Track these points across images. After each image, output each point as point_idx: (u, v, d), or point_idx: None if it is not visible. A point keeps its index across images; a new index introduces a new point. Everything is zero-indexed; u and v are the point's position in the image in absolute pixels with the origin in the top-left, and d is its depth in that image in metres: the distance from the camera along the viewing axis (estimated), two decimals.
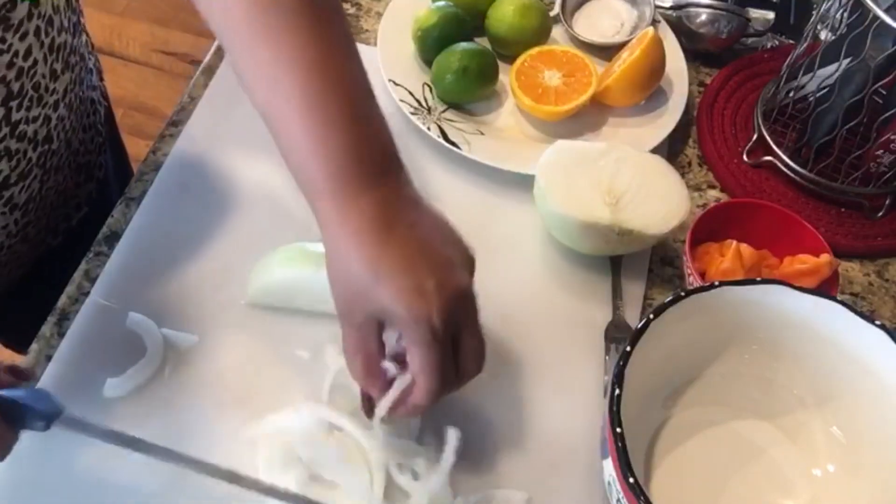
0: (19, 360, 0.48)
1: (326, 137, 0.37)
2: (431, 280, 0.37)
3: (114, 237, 0.52)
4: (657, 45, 0.60)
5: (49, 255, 0.59)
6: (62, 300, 0.49)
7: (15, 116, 0.47)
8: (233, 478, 0.40)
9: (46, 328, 0.48)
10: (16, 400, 0.37)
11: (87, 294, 0.49)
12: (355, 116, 0.38)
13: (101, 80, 0.63)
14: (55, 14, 0.48)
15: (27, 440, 0.38)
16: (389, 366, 0.40)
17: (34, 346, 0.48)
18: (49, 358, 0.47)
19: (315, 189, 0.38)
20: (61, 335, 0.48)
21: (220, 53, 0.63)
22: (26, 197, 0.51)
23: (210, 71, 0.61)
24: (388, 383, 0.40)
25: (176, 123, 0.58)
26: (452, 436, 0.41)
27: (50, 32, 0.48)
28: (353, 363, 0.40)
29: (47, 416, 0.37)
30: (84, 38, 0.57)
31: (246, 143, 0.58)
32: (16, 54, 0.45)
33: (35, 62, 0.47)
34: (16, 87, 0.46)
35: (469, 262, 0.40)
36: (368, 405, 0.42)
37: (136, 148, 0.75)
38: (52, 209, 0.56)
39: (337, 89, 0.37)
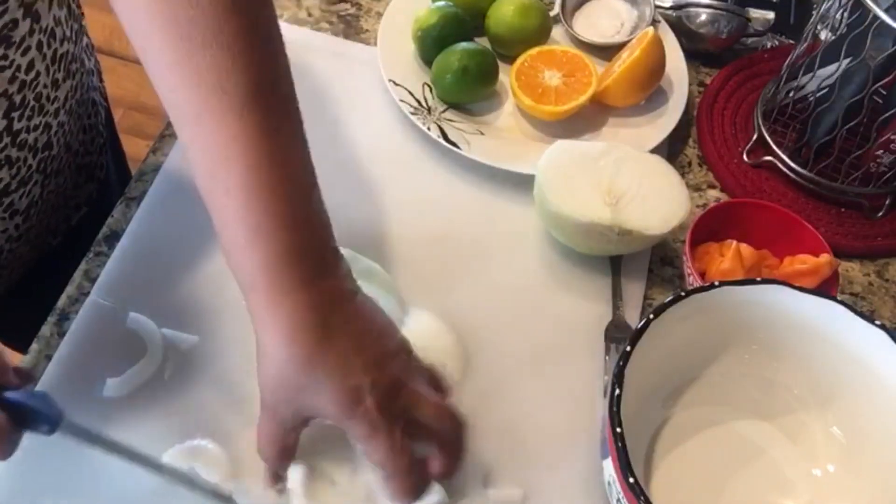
0: (19, 359, 0.48)
1: (263, 239, 0.36)
2: (367, 378, 0.37)
3: (114, 237, 0.52)
4: (657, 46, 0.60)
5: (49, 255, 0.59)
6: (62, 300, 0.49)
7: (16, 126, 0.47)
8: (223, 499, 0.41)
9: (46, 328, 0.48)
10: (22, 402, 0.37)
11: (87, 294, 0.49)
12: (294, 218, 0.37)
13: (101, 80, 0.63)
14: (57, 26, 0.48)
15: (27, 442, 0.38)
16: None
17: (34, 346, 0.48)
18: (49, 358, 0.47)
19: (249, 284, 0.37)
20: (61, 335, 0.48)
21: None
22: (27, 202, 0.51)
23: None
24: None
25: None
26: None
27: (52, 44, 0.47)
28: (267, 451, 0.40)
29: (52, 420, 0.38)
30: (85, 41, 0.57)
31: None
32: (18, 69, 0.45)
33: (37, 74, 0.47)
34: (17, 98, 0.46)
35: (404, 345, 0.40)
36: (275, 479, 0.42)
37: (136, 148, 0.74)
38: (52, 211, 0.57)
39: (278, 188, 0.36)
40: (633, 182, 0.52)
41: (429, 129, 0.58)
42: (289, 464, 0.41)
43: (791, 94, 0.60)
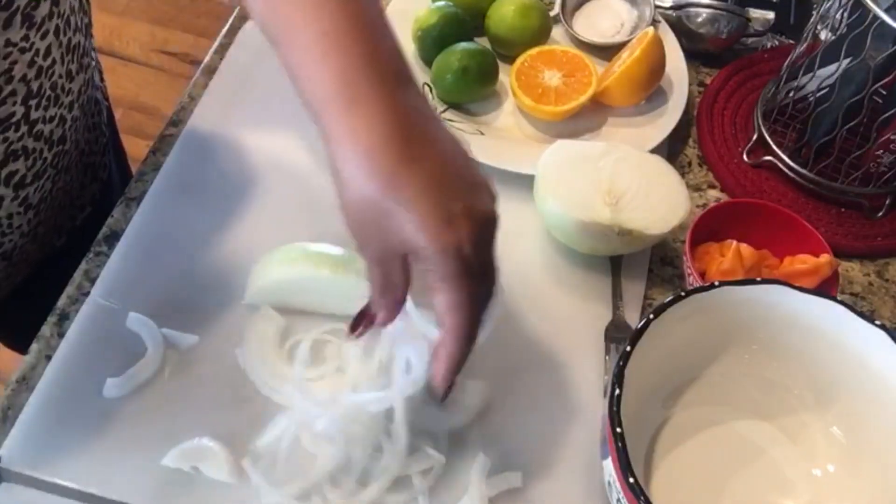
0: (19, 360, 0.48)
1: (337, 43, 0.33)
2: (459, 204, 0.32)
3: (114, 237, 0.52)
4: (657, 46, 0.60)
5: (54, 255, 0.59)
6: (62, 300, 0.49)
7: (33, 115, 0.47)
8: None
9: (46, 328, 0.48)
10: None
11: (87, 294, 0.49)
12: (367, 24, 0.34)
13: (102, 80, 0.63)
14: (72, 14, 0.48)
15: None
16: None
17: (34, 346, 0.48)
18: (49, 358, 0.47)
19: (323, 100, 0.33)
20: (61, 335, 0.48)
21: (220, 53, 0.63)
22: (39, 197, 0.51)
23: (210, 71, 0.61)
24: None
25: (176, 123, 0.58)
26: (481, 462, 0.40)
27: (67, 32, 0.48)
28: (380, 303, 0.37)
29: None
30: (92, 39, 0.57)
31: (246, 142, 0.58)
32: (37, 53, 0.45)
33: (53, 62, 0.47)
34: (35, 85, 0.46)
35: (491, 187, 0.35)
36: (357, 324, 0.39)
37: (136, 148, 0.74)
38: (59, 209, 0.57)
39: (351, 2, 0.34)
40: (632, 182, 0.52)
41: None
42: (403, 301, 0.37)
43: (791, 94, 0.60)
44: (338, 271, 0.47)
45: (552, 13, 0.65)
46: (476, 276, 0.33)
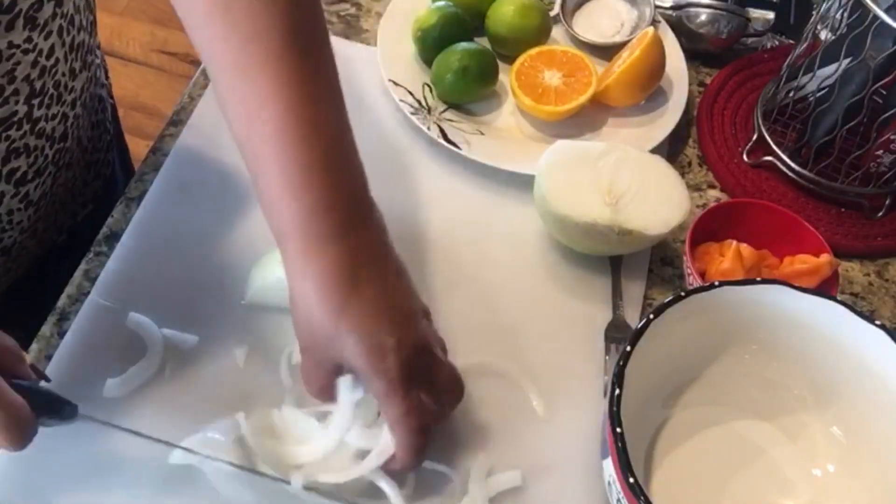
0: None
1: (299, 185, 0.37)
2: (391, 339, 0.38)
3: (114, 237, 0.52)
4: (657, 46, 0.60)
5: (54, 252, 0.59)
6: (62, 300, 0.49)
7: (36, 114, 0.47)
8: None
9: (46, 328, 0.48)
10: (42, 391, 0.38)
11: (87, 294, 0.49)
12: (330, 165, 0.38)
13: (107, 77, 0.63)
14: (76, 14, 0.49)
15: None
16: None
17: (34, 346, 0.48)
18: (49, 358, 0.47)
19: (284, 233, 0.38)
20: (61, 335, 0.48)
21: None
22: (40, 193, 0.52)
23: None
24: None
25: (176, 123, 0.58)
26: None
27: (71, 31, 0.48)
28: (310, 388, 0.42)
29: (67, 413, 0.39)
30: (97, 37, 0.57)
31: None
32: (40, 53, 0.45)
33: (57, 61, 0.47)
34: (38, 85, 0.46)
35: (424, 307, 0.41)
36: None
37: (136, 148, 0.74)
38: (61, 206, 0.57)
39: (313, 134, 0.37)
40: (633, 182, 0.52)
41: (429, 129, 0.58)
42: (331, 400, 0.42)
43: (791, 94, 0.60)
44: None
45: (552, 13, 0.65)
46: (406, 395, 0.39)
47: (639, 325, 0.41)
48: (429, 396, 0.40)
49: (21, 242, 0.54)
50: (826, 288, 0.50)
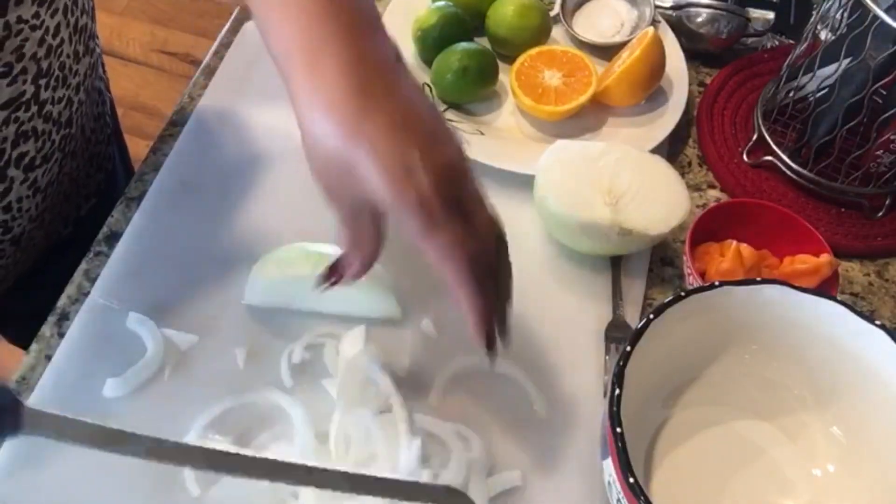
0: (19, 360, 0.48)
1: (308, 8, 0.33)
2: (417, 153, 0.32)
3: (114, 237, 0.52)
4: (657, 46, 0.60)
5: (59, 245, 0.60)
6: (62, 300, 0.49)
7: (43, 95, 0.47)
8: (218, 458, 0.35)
9: (46, 328, 0.48)
10: None
11: (87, 294, 0.49)
12: None
13: (104, 72, 0.64)
14: None
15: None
16: None
17: (34, 346, 0.48)
18: (49, 358, 0.47)
19: (286, 54, 0.34)
20: (61, 335, 0.48)
21: (220, 53, 0.63)
22: (47, 181, 0.52)
23: (210, 71, 0.61)
24: None
25: (176, 123, 0.58)
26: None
27: (75, 12, 0.48)
28: (350, 258, 0.37)
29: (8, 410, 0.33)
30: (96, 25, 0.57)
31: (245, 143, 0.58)
32: (46, 31, 0.45)
33: (62, 41, 0.47)
34: (45, 65, 0.46)
35: (455, 135, 0.35)
36: (327, 276, 0.38)
37: (136, 148, 0.74)
38: (65, 197, 0.57)
39: None
40: (633, 182, 0.52)
41: None
42: (376, 256, 0.36)
43: (791, 94, 0.60)
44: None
45: (552, 13, 0.65)
46: (449, 223, 0.33)
47: (639, 325, 0.41)
48: (467, 230, 0.33)
49: (29, 232, 0.54)
50: (826, 288, 0.50)
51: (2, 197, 0.49)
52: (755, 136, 0.62)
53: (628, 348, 0.40)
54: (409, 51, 0.62)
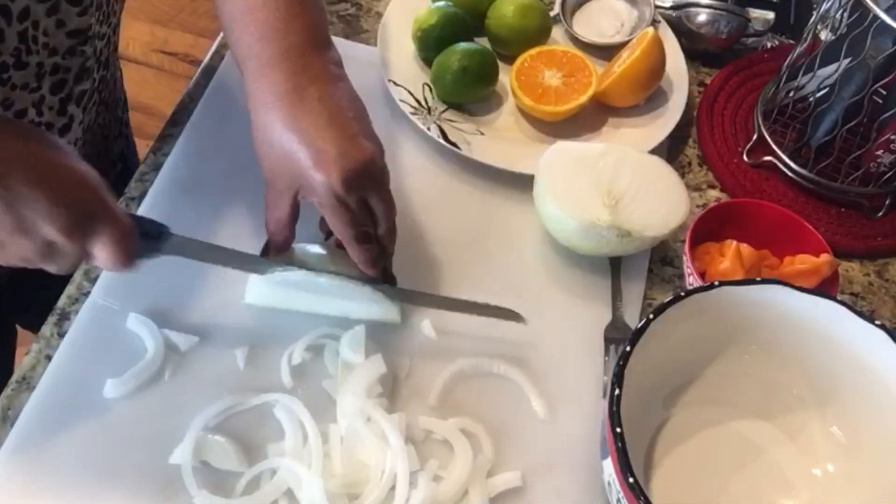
0: (19, 360, 0.48)
1: (259, 13, 0.43)
2: (334, 149, 0.41)
3: None
4: (657, 46, 0.60)
5: None
6: (62, 300, 0.49)
7: (97, 30, 0.49)
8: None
9: (46, 328, 0.48)
10: (136, 216, 0.41)
11: (87, 294, 0.49)
12: (294, 12, 0.43)
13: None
14: None
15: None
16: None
17: (34, 346, 0.48)
18: (49, 358, 0.47)
19: (245, 59, 0.43)
20: (61, 335, 0.48)
21: (220, 53, 0.63)
22: (88, 124, 0.54)
23: (210, 71, 0.61)
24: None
25: (176, 123, 0.58)
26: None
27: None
28: (271, 221, 0.45)
29: (160, 230, 0.42)
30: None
31: (246, 142, 0.57)
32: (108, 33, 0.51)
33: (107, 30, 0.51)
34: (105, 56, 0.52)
35: (374, 139, 0.44)
36: (267, 248, 0.47)
37: (136, 148, 0.74)
38: (97, 153, 0.59)
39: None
40: (632, 183, 0.52)
41: (429, 129, 0.58)
42: (290, 237, 0.46)
43: (791, 94, 0.60)
44: (339, 277, 0.47)
45: (552, 13, 0.65)
46: (346, 206, 0.42)
47: (639, 325, 0.41)
48: (363, 211, 0.43)
49: None
50: (826, 288, 0.50)
51: (63, 133, 0.50)
52: (755, 136, 0.62)
53: (628, 348, 0.40)
54: (409, 50, 0.62)
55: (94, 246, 0.38)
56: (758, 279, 0.44)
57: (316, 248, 0.48)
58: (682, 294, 0.43)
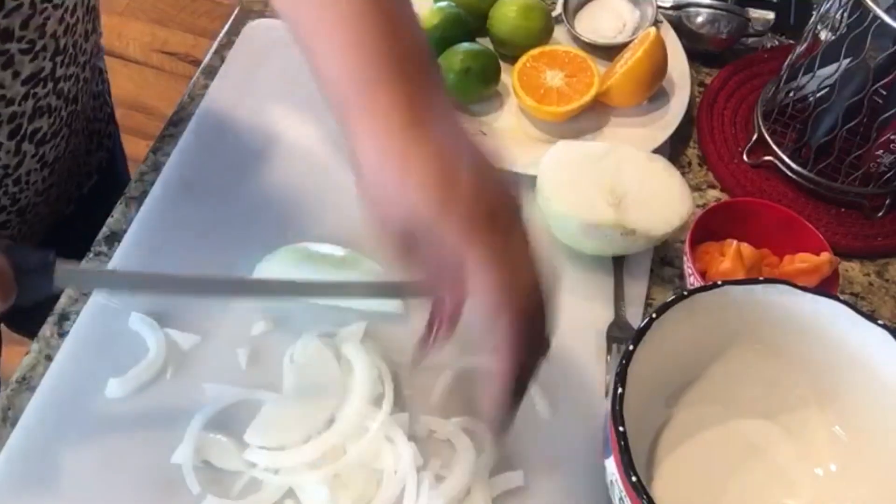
0: (20, 360, 0.48)
1: (362, 41, 0.33)
2: (465, 173, 0.31)
3: (114, 237, 0.52)
4: (659, 46, 0.60)
5: (62, 224, 0.61)
6: (62, 300, 0.49)
7: (58, 72, 0.49)
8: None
9: (46, 328, 0.48)
10: (17, 248, 0.36)
11: (87, 294, 0.49)
12: (394, 25, 0.34)
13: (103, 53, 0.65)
14: None
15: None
16: None
17: (34, 346, 0.48)
18: (49, 358, 0.47)
19: (344, 94, 0.34)
20: (61, 335, 0.48)
21: (220, 53, 0.63)
22: (54, 155, 0.53)
23: (210, 71, 0.61)
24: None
25: (176, 123, 0.58)
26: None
27: None
28: (407, 271, 0.35)
29: (44, 262, 0.36)
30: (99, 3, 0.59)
31: (246, 142, 0.57)
32: (66, 9, 0.47)
33: (77, 20, 0.49)
34: (62, 42, 0.48)
35: (502, 168, 0.34)
36: (427, 336, 0.38)
37: (136, 148, 0.74)
38: (69, 174, 0.59)
39: (380, 7, 0.34)
40: (634, 183, 0.52)
41: None
42: (412, 264, 0.35)
43: (791, 94, 0.60)
44: (340, 272, 0.47)
45: (554, 13, 0.65)
46: (526, 342, 0.33)
47: (641, 325, 0.41)
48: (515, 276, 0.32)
49: (35, 206, 0.55)
50: (826, 287, 0.51)
51: (14, 170, 0.50)
52: (755, 136, 0.62)
53: (631, 347, 0.41)
54: None
55: None
56: (760, 279, 0.44)
57: (320, 248, 0.48)
58: (685, 293, 0.43)
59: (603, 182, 0.52)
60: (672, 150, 0.62)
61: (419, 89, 0.34)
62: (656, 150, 0.58)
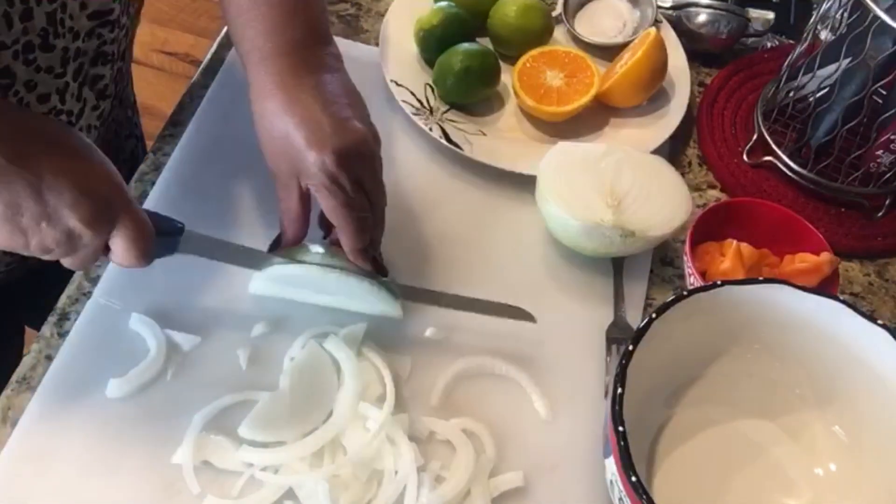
0: (26, 351, 0.48)
1: (262, 9, 0.45)
2: (327, 129, 0.43)
3: None
4: (659, 46, 0.60)
5: None
6: (62, 300, 0.49)
7: (122, 21, 0.52)
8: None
9: (46, 328, 0.48)
10: (153, 213, 0.42)
11: (87, 294, 0.49)
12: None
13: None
14: None
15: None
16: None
17: (34, 346, 0.48)
18: (49, 358, 0.47)
19: (248, 52, 0.46)
20: (61, 335, 0.48)
21: (220, 53, 0.63)
22: (102, 119, 0.54)
23: (210, 71, 0.61)
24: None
25: (176, 123, 0.58)
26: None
27: None
28: (282, 212, 0.47)
29: (176, 229, 0.43)
30: None
31: (246, 142, 0.57)
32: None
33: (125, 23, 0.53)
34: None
35: (369, 125, 0.45)
36: (278, 241, 0.48)
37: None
38: (110, 147, 0.59)
39: None
40: (635, 183, 0.52)
41: (431, 129, 0.58)
42: (301, 229, 0.46)
43: (791, 94, 0.60)
44: (340, 272, 0.47)
45: (554, 14, 0.65)
46: (341, 187, 0.43)
47: (641, 325, 0.41)
48: (358, 195, 0.44)
49: None
50: (826, 287, 0.51)
51: (76, 119, 0.50)
52: (755, 136, 0.62)
53: (630, 347, 0.41)
54: (411, 51, 0.62)
55: (112, 240, 0.39)
56: (760, 279, 0.44)
57: (316, 247, 0.48)
58: (685, 293, 0.43)
59: (602, 183, 0.52)
60: (672, 150, 0.62)
61: (305, 59, 0.45)
62: (656, 151, 0.58)
